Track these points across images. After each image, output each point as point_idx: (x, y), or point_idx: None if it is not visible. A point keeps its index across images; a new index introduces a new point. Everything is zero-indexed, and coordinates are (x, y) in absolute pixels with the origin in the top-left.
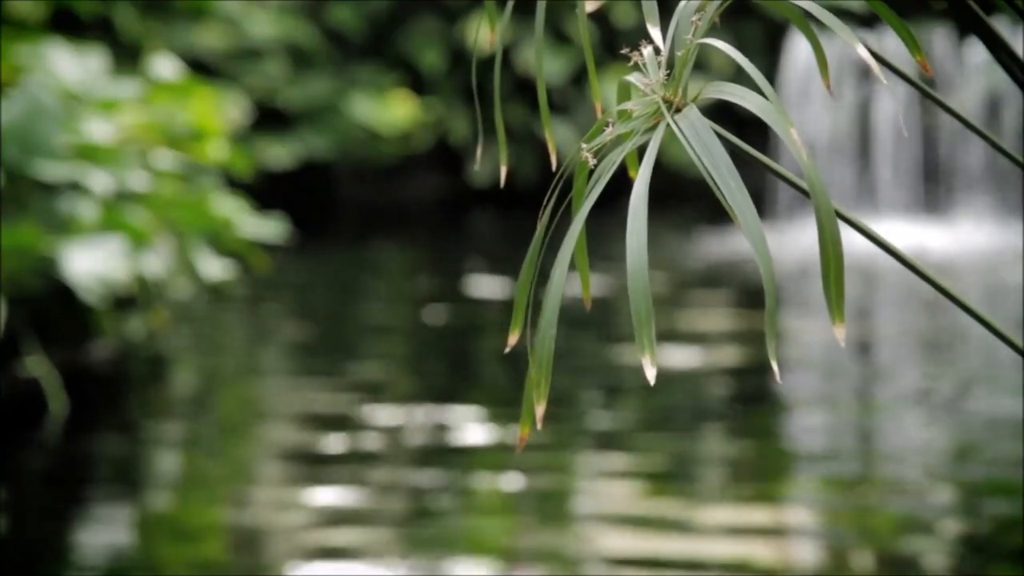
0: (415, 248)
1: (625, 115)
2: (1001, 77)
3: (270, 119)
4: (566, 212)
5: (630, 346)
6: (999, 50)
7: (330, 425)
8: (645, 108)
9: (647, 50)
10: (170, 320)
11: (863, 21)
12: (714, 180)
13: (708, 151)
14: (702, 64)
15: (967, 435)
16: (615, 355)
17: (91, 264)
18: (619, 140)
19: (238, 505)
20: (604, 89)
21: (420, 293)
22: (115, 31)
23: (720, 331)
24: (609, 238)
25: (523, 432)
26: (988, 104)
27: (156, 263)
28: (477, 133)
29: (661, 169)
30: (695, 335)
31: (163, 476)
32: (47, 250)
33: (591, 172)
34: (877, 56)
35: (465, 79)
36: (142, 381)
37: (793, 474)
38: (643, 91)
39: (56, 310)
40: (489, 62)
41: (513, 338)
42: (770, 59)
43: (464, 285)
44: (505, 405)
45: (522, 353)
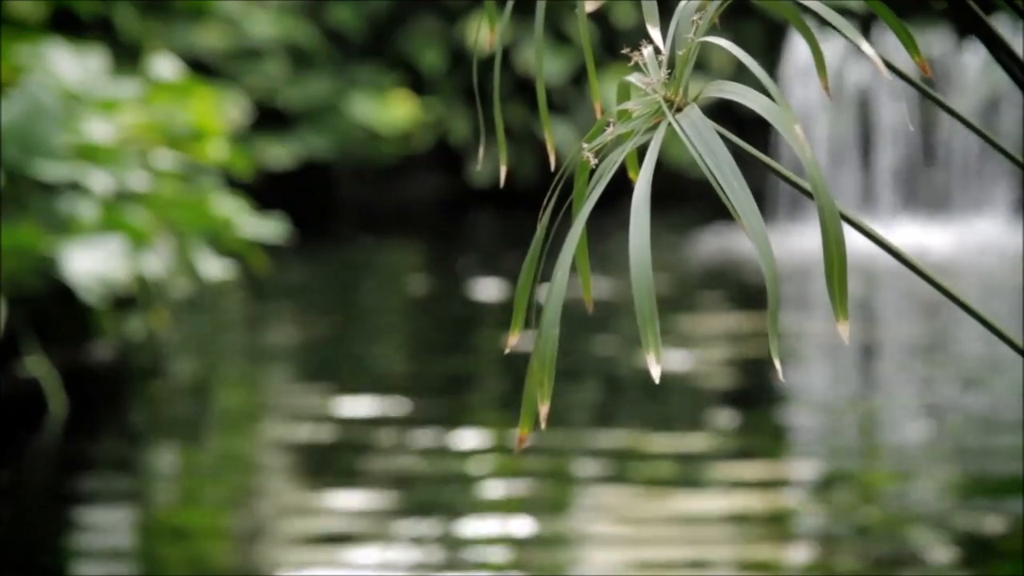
0: (415, 248)
1: (625, 115)
2: (1001, 77)
3: (270, 119)
4: (566, 213)
5: (629, 347)
6: (999, 50)
7: (330, 426)
8: (646, 108)
9: (647, 50)
10: (170, 320)
11: (862, 21)
12: (717, 180)
13: (710, 150)
14: (702, 64)
15: (967, 433)
16: (615, 355)
17: (91, 264)
18: (619, 140)
19: (238, 504)
20: (604, 89)
21: (420, 293)
22: (115, 31)
23: (720, 331)
24: (609, 238)
25: (523, 432)
26: (988, 104)
27: (156, 263)
28: (478, 133)
29: (661, 169)
30: (695, 335)
31: (163, 476)
32: (47, 250)
33: (591, 172)
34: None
35: (465, 79)
36: (142, 381)
37: (793, 475)
38: (644, 91)
39: (56, 310)
40: (489, 62)
41: (513, 339)
42: (770, 60)
43: (464, 285)
44: (505, 406)
45: (522, 354)
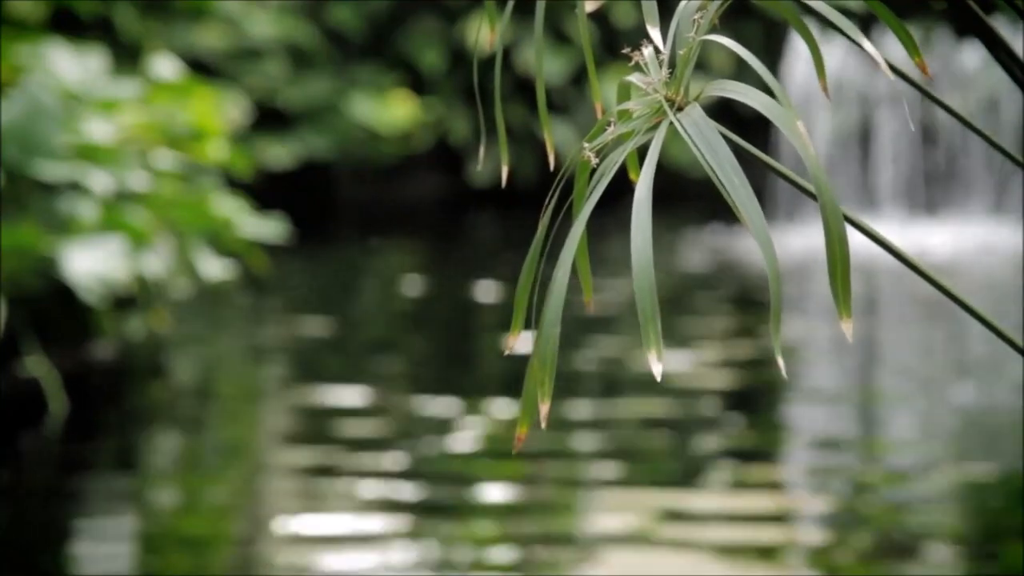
0: (415, 248)
1: (626, 115)
2: (1001, 77)
3: (270, 119)
4: (567, 213)
5: (629, 348)
6: (999, 50)
7: (329, 427)
8: (646, 107)
9: (648, 49)
10: (170, 320)
11: (861, 22)
12: (719, 179)
13: (712, 150)
14: (702, 64)
15: (967, 432)
16: (614, 356)
17: (91, 264)
18: (620, 140)
19: (238, 505)
20: (604, 89)
21: (420, 293)
22: (115, 31)
23: (719, 332)
24: (609, 238)
25: (521, 430)
26: (988, 104)
27: (156, 263)
28: (478, 133)
29: (660, 169)
30: (694, 336)
31: (163, 476)
32: (47, 250)
33: (592, 173)
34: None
35: (465, 79)
36: (142, 381)
37: (792, 474)
38: (644, 90)
39: (56, 310)
40: (489, 62)
41: (513, 339)
42: (770, 60)
43: (463, 286)
44: (505, 408)
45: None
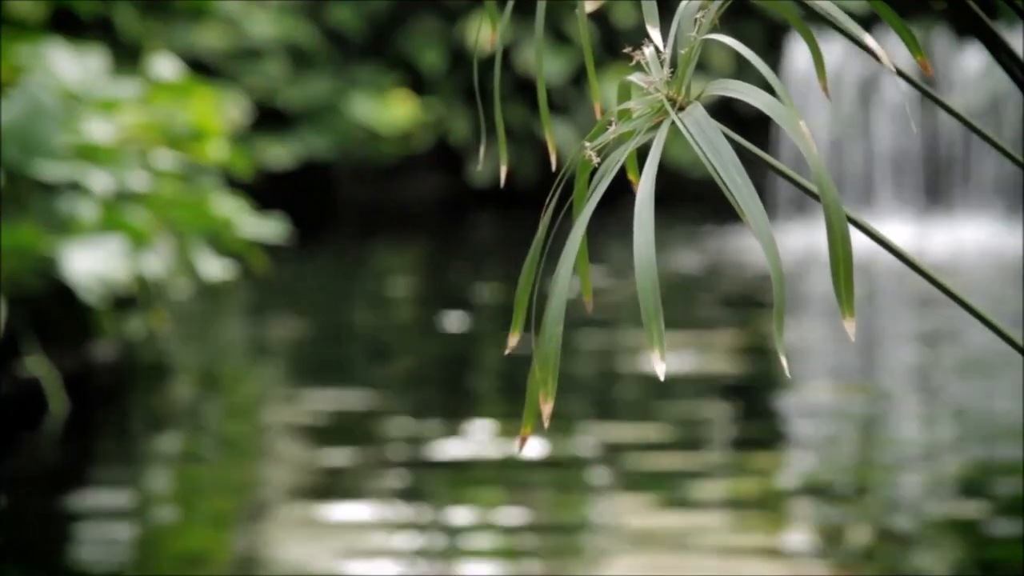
0: (415, 248)
1: (627, 114)
2: (1001, 77)
3: (270, 119)
4: (567, 212)
5: (629, 349)
6: (999, 50)
7: (329, 427)
8: (647, 107)
9: (649, 49)
10: (170, 320)
11: (861, 23)
12: (721, 179)
13: (714, 149)
14: (702, 64)
15: (967, 432)
16: (615, 357)
17: (91, 264)
18: (621, 140)
19: (239, 507)
20: (604, 89)
21: (420, 293)
22: (115, 31)
23: (719, 332)
24: (608, 239)
25: (525, 431)
26: (988, 104)
27: (156, 263)
28: (478, 133)
29: (660, 170)
30: (694, 336)
31: (162, 475)
32: (47, 250)
33: (592, 173)
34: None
35: (465, 79)
36: (142, 381)
37: (793, 474)
38: (645, 90)
39: (56, 310)
40: (489, 62)
41: (513, 339)
42: (770, 60)
43: (463, 286)
44: (505, 409)
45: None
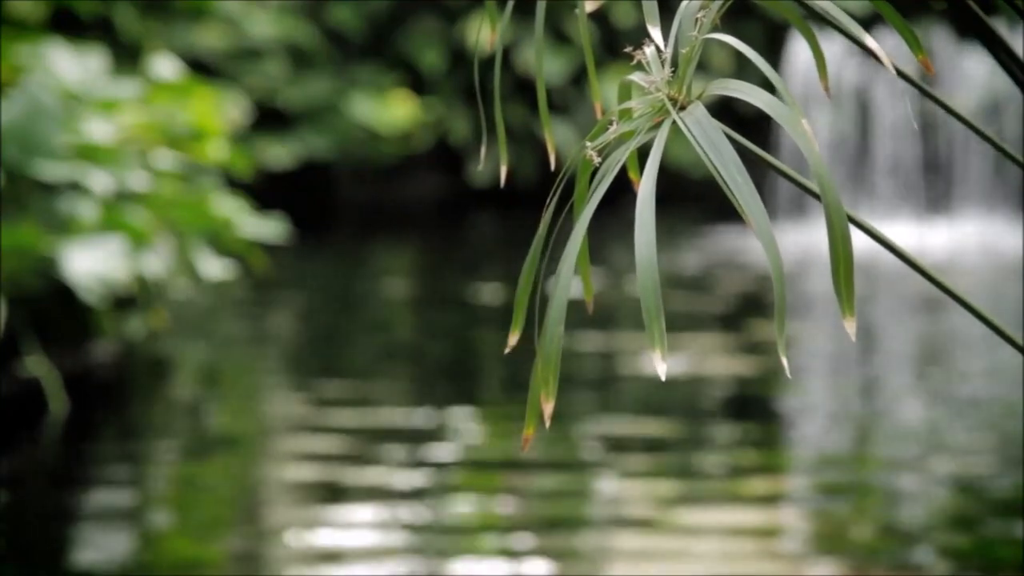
0: (415, 248)
1: (627, 114)
2: (1001, 77)
3: (270, 119)
4: (567, 212)
5: (628, 351)
6: (999, 50)
7: (329, 427)
8: (648, 107)
9: (650, 48)
10: (170, 320)
11: (861, 23)
12: (723, 178)
13: (716, 148)
14: (702, 64)
15: (967, 431)
16: (615, 357)
17: (91, 264)
18: (621, 139)
19: (238, 507)
20: (604, 89)
21: (420, 293)
22: (115, 31)
23: (718, 331)
24: (608, 239)
25: (528, 431)
26: (988, 104)
27: (156, 263)
28: (478, 133)
29: (661, 170)
30: (692, 337)
31: (163, 476)
32: (47, 250)
33: (593, 173)
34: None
35: (465, 79)
36: (142, 381)
37: (794, 477)
38: (646, 90)
39: (56, 310)
40: (489, 62)
41: (513, 338)
42: (770, 60)
43: (463, 287)
44: (505, 409)
45: (520, 357)
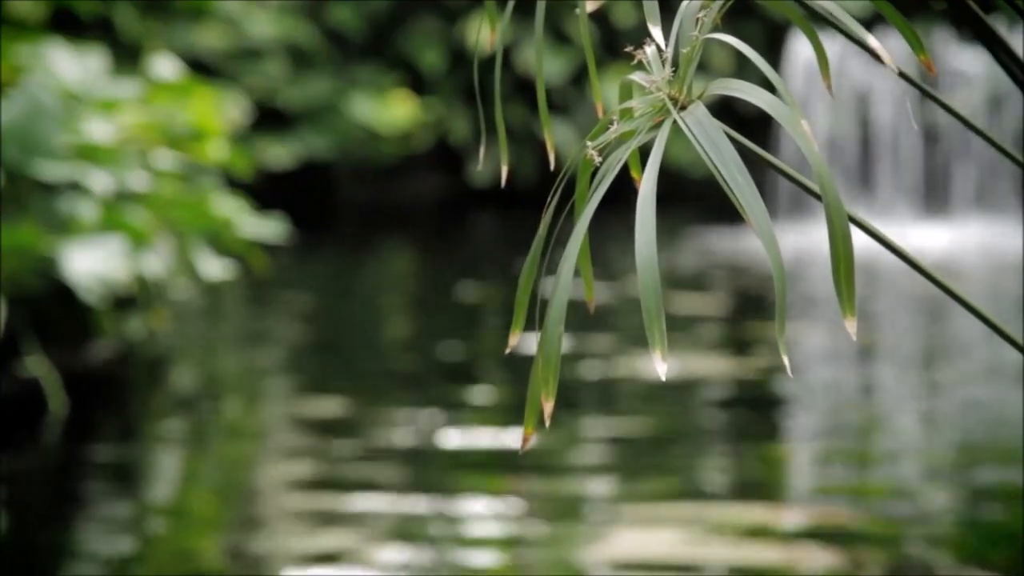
0: (415, 248)
1: (628, 113)
2: (1001, 77)
3: (270, 119)
4: (567, 212)
5: (629, 351)
6: (999, 50)
7: (329, 428)
8: (648, 106)
9: (650, 48)
10: (170, 320)
11: (862, 23)
12: (723, 178)
13: (716, 148)
14: (702, 64)
15: (967, 431)
16: (616, 359)
17: (91, 264)
18: (622, 139)
19: (237, 507)
20: (604, 89)
21: (419, 293)
22: (115, 31)
23: (718, 331)
24: (608, 239)
25: (527, 431)
26: (988, 104)
27: (156, 263)
28: (478, 133)
29: (661, 170)
30: (693, 336)
31: (162, 476)
32: (47, 250)
33: (593, 173)
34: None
35: (465, 79)
36: (142, 381)
37: (794, 477)
38: (647, 89)
39: (56, 310)
40: (489, 62)
41: (514, 338)
42: (770, 60)
43: (463, 287)
44: (504, 409)
45: (519, 358)
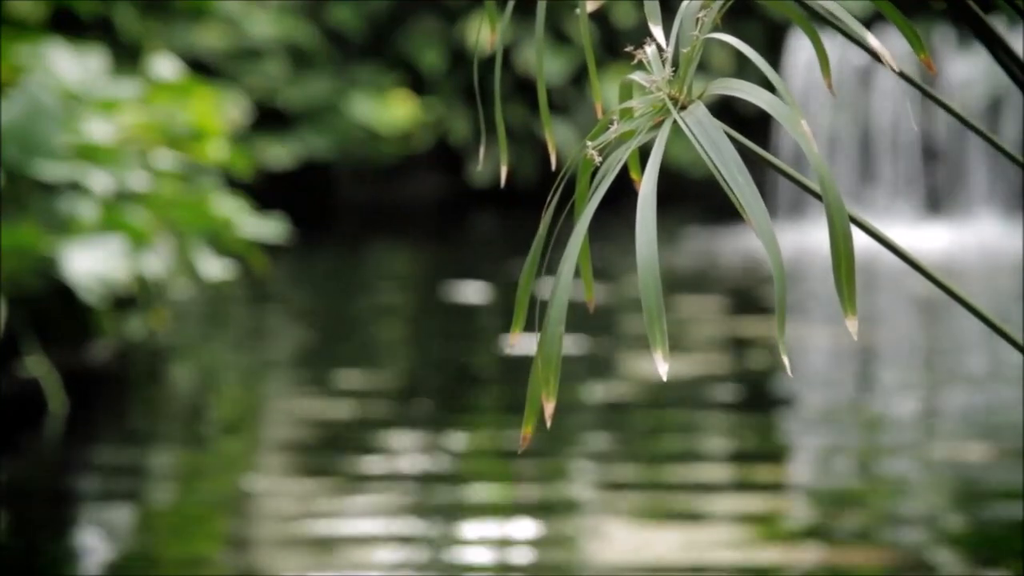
0: (415, 248)
1: (628, 113)
2: (1001, 77)
3: (270, 119)
4: (567, 212)
5: (627, 352)
6: (999, 50)
7: (329, 427)
8: (648, 106)
9: (650, 48)
10: (170, 320)
11: (862, 23)
12: (723, 178)
13: (716, 148)
14: (702, 64)
15: (967, 431)
16: (612, 358)
17: (91, 264)
18: (622, 139)
19: (237, 506)
20: (604, 89)
21: (419, 293)
22: (115, 31)
23: (718, 331)
24: (609, 240)
25: (526, 431)
26: (988, 104)
27: (156, 263)
28: (478, 133)
29: (661, 170)
30: (691, 337)
31: (162, 476)
32: (47, 250)
33: (593, 173)
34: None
35: (465, 79)
36: (142, 381)
37: (793, 475)
38: (647, 89)
39: (56, 310)
40: (489, 62)
41: (515, 338)
42: (770, 60)
43: (463, 287)
44: (504, 410)
45: (520, 358)
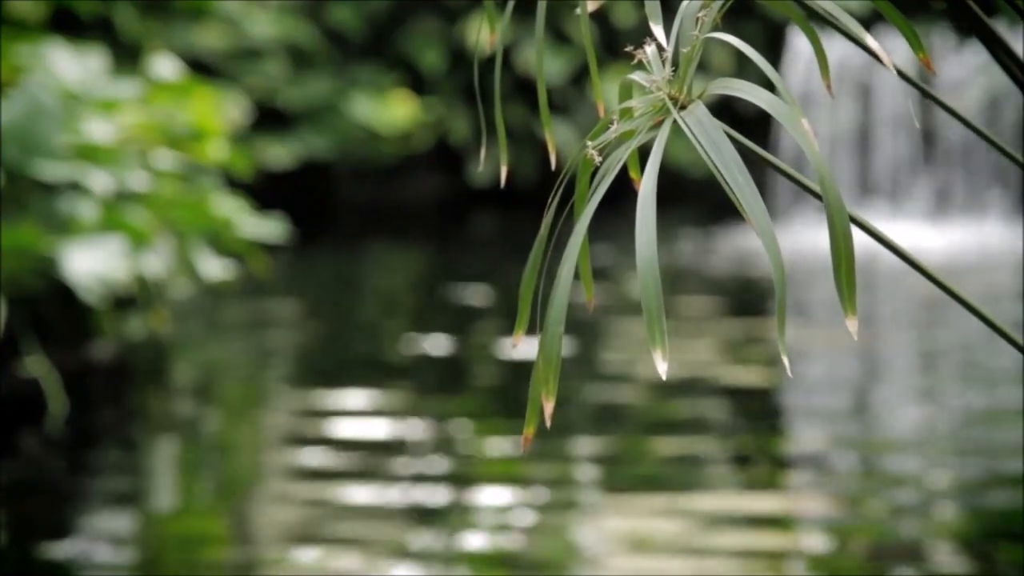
0: (415, 248)
1: (628, 113)
2: (1001, 77)
3: (270, 119)
4: (567, 211)
5: (628, 353)
6: (999, 50)
7: (329, 427)
8: (649, 106)
9: (650, 48)
10: (170, 320)
11: (862, 22)
12: (723, 178)
13: (716, 148)
14: (702, 64)
15: (968, 431)
16: (612, 359)
17: (91, 264)
18: (622, 139)
19: (238, 506)
20: (604, 89)
21: (419, 294)
22: (115, 31)
23: (718, 331)
24: (608, 240)
25: (527, 431)
26: (988, 104)
27: (156, 263)
28: (478, 133)
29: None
30: (691, 336)
31: (162, 476)
32: (47, 250)
33: (593, 173)
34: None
35: (465, 79)
36: (142, 381)
37: (794, 475)
38: (647, 89)
39: (56, 310)
40: (489, 62)
41: (518, 338)
42: (770, 60)
43: (463, 287)
44: (503, 411)
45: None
